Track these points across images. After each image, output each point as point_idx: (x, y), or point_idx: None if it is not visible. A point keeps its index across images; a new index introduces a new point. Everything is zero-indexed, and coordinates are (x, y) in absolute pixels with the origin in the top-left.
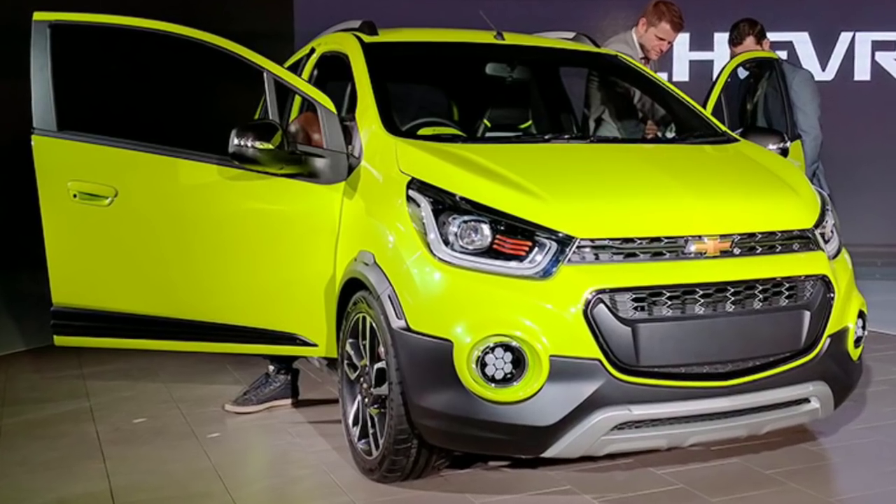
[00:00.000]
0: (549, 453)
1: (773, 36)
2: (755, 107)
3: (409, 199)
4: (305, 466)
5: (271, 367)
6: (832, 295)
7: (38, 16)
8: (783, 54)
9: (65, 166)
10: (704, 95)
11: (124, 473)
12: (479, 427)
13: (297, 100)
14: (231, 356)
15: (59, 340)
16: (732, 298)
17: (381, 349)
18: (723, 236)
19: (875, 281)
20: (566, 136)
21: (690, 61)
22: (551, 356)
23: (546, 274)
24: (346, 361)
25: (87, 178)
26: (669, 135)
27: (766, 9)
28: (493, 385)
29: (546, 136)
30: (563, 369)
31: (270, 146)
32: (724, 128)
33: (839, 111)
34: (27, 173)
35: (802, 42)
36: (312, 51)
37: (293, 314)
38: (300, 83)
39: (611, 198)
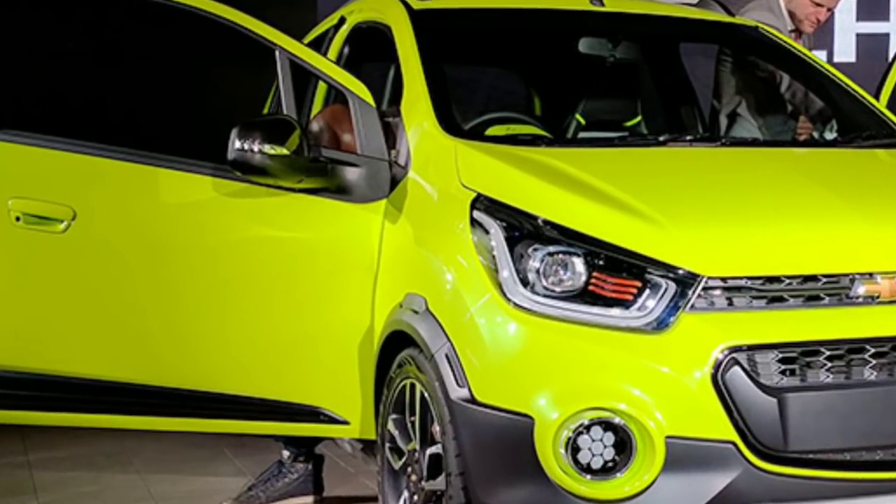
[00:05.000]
0: None
1: None
2: None
3: (473, 222)
4: None
5: (286, 453)
6: None
7: None
8: None
9: (5, 178)
10: (877, 82)
11: None
12: None
13: (322, 88)
14: (231, 437)
15: None
16: None
17: (436, 428)
18: None
19: None
20: (688, 138)
21: (858, 35)
22: (668, 438)
23: (661, 325)
24: (388, 444)
25: (35, 195)
26: (829, 136)
27: None
28: (588, 477)
29: (661, 138)
30: (684, 455)
31: (285, 151)
32: None
33: None
34: None
35: None
36: (342, 20)
37: (315, 380)
38: (325, 65)
39: (749, 222)
